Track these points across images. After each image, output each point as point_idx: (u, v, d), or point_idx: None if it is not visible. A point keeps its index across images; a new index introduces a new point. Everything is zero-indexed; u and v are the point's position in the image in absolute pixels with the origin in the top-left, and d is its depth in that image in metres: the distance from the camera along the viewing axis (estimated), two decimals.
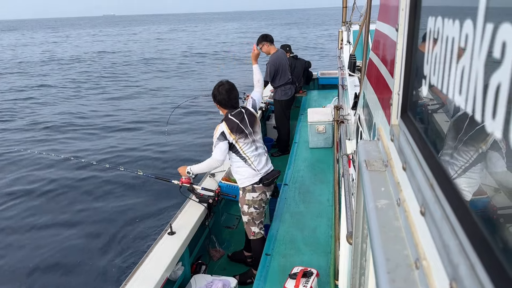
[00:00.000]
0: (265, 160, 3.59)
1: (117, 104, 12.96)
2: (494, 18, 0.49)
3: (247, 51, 24.20)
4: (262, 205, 3.61)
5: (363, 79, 2.20)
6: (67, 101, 13.62)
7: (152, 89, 15.18)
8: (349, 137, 3.17)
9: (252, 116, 3.56)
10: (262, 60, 5.37)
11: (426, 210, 0.68)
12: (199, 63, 22.08)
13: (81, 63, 23.61)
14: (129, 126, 10.41)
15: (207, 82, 16.04)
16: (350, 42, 6.22)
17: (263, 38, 6.01)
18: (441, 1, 0.78)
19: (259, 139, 3.59)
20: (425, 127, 0.86)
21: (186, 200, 3.93)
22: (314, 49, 27.40)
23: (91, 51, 30.48)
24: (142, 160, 8.11)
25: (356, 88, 3.61)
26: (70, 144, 9.20)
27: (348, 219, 1.84)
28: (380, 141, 1.18)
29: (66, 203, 6.47)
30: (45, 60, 26.33)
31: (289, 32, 45.00)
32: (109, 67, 21.43)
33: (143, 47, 31.03)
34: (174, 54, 25.71)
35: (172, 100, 12.88)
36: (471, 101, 0.56)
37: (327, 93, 8.17)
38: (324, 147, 5.55)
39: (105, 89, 15.59)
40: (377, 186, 0.96)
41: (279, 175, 3.69)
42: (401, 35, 0.98)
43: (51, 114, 11.76)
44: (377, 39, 1.71)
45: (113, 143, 9.18)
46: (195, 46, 31.40)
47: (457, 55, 0.62)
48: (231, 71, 18.66)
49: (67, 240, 5.48)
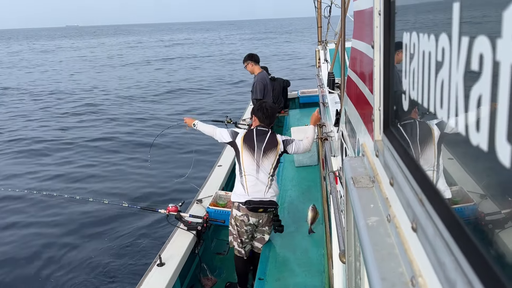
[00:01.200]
0: (263, 189, 3.55)
1: (92, 132, 12.80)
2: (469, 31, 0.50)
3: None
4: (244, 227, 3.60)
5: (343, 96, 2.22)
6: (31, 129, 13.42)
7: (127, 116, 15.06)
8: (334, 154, 3.18)
9: (271, 144, 3.60)
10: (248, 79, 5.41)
11: (417, 226, 0.67)
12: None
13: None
14: (109, 156, 10.26)
15: (189, 105, 16.04)
16: (328, 60, 6.34)
17: (249, 57, 6.10)
18: (415, 17, 0.79)
19: (265, 167, 3.57)
20: (408, 142, 0.86)
21: (174, 229, 3.85)
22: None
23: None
24: (126, 190, 7.96)
25: (337, 105, 3.65)
26: (46, 179, 8.98)
27: (340, 237, 1.82)
28: (365, 157, 1.18)
29: (48, 240, 6.26)
30: None
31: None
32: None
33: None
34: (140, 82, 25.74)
35: (154, 126, 12.80)
36: (453, 114, 0.56)
37: (308, 111, 8.25)
38: (310, 165, 5.56)
39: (79, 116, 15.39)
40: (366, 202, 0.96)
41: (273, 209, 3.61)
42: (377, 51, 0.99)
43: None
44: (353, 57, 1.74)
45: (94, 173, 9.01)
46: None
47: (435, 69, 0.63)
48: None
49: (51, 275, 5.28)
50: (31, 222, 6.88)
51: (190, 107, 15.83)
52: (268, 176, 3.56)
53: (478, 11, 0.50)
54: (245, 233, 3.65)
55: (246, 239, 3.70)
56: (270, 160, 3.58)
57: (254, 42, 53.65)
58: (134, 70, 28.82)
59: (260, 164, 3.55)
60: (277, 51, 37.19)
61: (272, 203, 3.57)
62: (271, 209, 3.59)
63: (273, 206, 3.59)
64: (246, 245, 3.75)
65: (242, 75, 21.39)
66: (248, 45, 46.51)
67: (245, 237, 3.68)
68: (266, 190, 3.54)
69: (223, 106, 15.58)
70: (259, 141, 3.58)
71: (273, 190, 3.59)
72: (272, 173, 3.59)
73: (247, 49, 38.14)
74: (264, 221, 3.65)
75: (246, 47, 43.64)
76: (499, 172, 0.45)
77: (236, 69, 25.35)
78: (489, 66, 0.45)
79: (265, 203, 3.54)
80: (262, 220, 3.63)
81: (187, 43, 59.52)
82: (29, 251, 6.01)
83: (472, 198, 0.61)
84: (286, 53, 35.35)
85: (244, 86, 18.97)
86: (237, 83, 20.79)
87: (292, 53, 35.16)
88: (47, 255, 5.83)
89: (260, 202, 3.52)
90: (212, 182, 5.08)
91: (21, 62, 38.25)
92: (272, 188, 3.57)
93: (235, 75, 23.36)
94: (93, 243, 6.07)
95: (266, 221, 3.66)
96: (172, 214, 3.74)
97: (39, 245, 6.17)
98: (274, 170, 3.61)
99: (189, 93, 18.89)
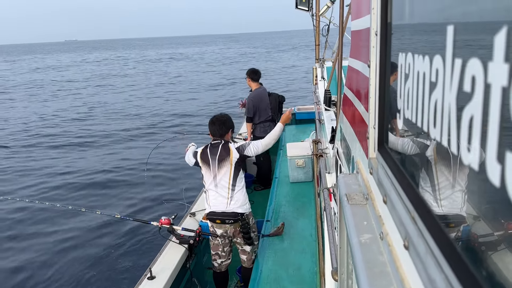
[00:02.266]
0: (225, 201, 3.57)
1: (89, 143, 12.76)
2: (462, 53, 0.51)
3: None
4: (216, 239, 3.68)
5: (339, 114, 2.24)
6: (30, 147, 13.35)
7: (121, 129, 15.05)
8: (329, 170, 3.19)
9: (223, 155, 3.59)
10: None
11: (409, 244, 0.67)
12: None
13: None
14: (105, 168, 10.20)
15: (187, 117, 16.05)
16: (324, 78, 6.39)
17: (248, 72, 6.22)
18: (411, 39, 0.81)
19: (222, 180, 3.59)
20: (402, 160, 0.87)
21: (166, 242, 3.81)
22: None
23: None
24: (119, 201, 7.90)
25: (333, 122, 3.67)
26: (42, 188, 8.91)
27: (333, 255, 1.81)
28: (360, 174, 1.19)
29: (39, 249, 6.18)
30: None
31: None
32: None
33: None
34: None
35: (151, 139, 12.77)
36: (445, 133, 0.57)
37: (304, 128, 8.29)
38: (304, 181, 5.55)
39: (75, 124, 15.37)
40: (360, 220, 0.96)
41: (232, 220, 3.59)
42: (373, 71, 1.01)
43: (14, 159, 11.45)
44: (350, 75, 1.76)
45: (87, 184, 8.95)
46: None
47: (429, 89, 0.64)
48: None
49: (37, 285, 5.19)
50: (19, 232, 6.80)
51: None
52: (228, 189, 3.57)
53: (471, 34, 0.52)
54: (219, 245, 3.69)
55: (222, 252, 3.72)
56: (226, 171, 3.59)
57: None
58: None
59: (217, 176, 3.59)
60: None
61: (233, 215, 3.57)
62: (229, 220, 3.57)
63: (232, 218, 3.57)
64: (224, 259, 3.77)
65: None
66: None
67: (220, 249, 3.71)
68: (228, 202, 3.57)
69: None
70: (212, 154, 3.63)
71: (237, 202, 3.58)
72: (232, 185, 3.58)
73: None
74: (231, 232, 3.65)
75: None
76: (490, 192, 0.46)
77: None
78: (480, 88, 0.46)
79: (225, 214, 3.56)
80: (229, 231, 3.64)
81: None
82: (14, 261, 5.91)
83: (466, 219, 0.62)
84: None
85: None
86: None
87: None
88: (34, 265, 5.74)
89: (222, 213, 3.57)
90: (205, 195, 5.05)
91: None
92: (235, 200, 3.58)
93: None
94: (83, 254, 6.00)
95: (235, 232, 3.66)
96: (164, 227, 3.71)
97: (28, 255, 6.08)
98: (234, 180, 3.60)
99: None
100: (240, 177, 3.64)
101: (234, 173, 3.59)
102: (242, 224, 3.60)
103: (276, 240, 4.05)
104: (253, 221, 3.79)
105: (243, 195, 3.64)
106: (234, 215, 3.57)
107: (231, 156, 3.60)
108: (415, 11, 0.79)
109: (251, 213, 3.74)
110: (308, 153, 5.51)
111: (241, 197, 3.61)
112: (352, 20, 1.67)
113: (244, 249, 3.73)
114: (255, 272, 3.56)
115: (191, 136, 11.12)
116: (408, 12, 0.83)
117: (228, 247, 3.76)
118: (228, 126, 3.74)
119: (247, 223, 3.60)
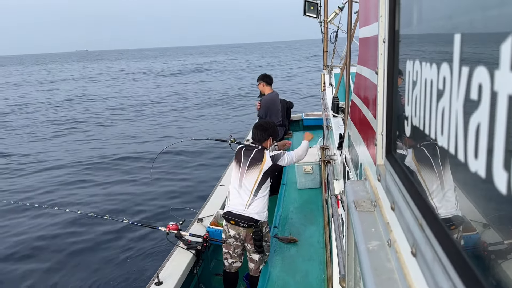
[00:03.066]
0: (244, 204, 3.58)
1: (97, 146, 12.85)
2: (469, 61, 0.52)
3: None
4: (228, 239, 3.68)
5: (347, 120, 2.24)
6: (35, 142, 13.46)
7: (132, 132, 15.14)
8: (337, 177, 3.18)
9: (256, 160, 3.64)
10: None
11: (417, 251, 0.67)
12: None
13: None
14: (113, 171, 10.27)
15: (195, 124, 16.13)
16: (332, 84, 6.40)
17: (262, 77, 6.28)
18: (418, 46, 0.82)
19: (247, 183, 3.60)
20: (410, 166, 0.87)
21: (174, 248, 3.82)
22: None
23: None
24: (127, 206, 7.94)
25: (341, 129, 3.67)
26: (49, 193, 8.98)
27: (340, 262, 1.81)
28: (367, 181, 1.19)
29: (47, 254, 6.22)
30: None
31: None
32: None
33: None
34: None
35: (158, 143, 12.84)
36: (453, 141, 0.57)
37: (312, 134, 8.27)
38: (312, 188, 5.54)
39: (86, 132, 15.50)
40: (367, 226, 0.96)
41: (246, 225, 3.56)
42: (381, 78, 1.01)
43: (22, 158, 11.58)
44: (358, 82, 1.77)
45: (96, 190, 9.00)
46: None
47: (437, 97, 0.64)
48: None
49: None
50: (31, 236, 6.85)
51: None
52: (250, 193, 3.58)
53: (478, 43, 0.52)
54: (230, 245, 3.67)
55: (233, 253, 3.70)
56: (253, 176, 3.60)
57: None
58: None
59: (244, 179, 3.62)
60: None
61: (248, 219, 3.55)
62: (243, 223, 3.56)
63: (247, 222, 3.56)
64: (235, 261, 3.74)
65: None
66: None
67: (231, 250, 3.69)
68: (246, 206, 3.57)
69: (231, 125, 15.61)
70: (246, 155, 3.68)
71: (255, 208, 3.57)
72: (255, 191, 3.59)
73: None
74: (244, 236, 3.62)
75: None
76: (497, 200, 0.46)
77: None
78: (487, 95, 0.47)
79: (241, 217, 3.56)
80: (241, 234, 3.62)
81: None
82: (23, 263, 5.96)
83: (475, 227, 0.62)
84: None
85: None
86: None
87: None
88: (42, 268, 5.77)
89: (237, 215, 3.56)
90: (213, 201, 5.06)
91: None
92: (254, 206, 3.57)
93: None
94: (91, 258, 6.02)
95: (247, 237, 3.62)
96: (172, 232, 3.72)
97: (36, 257, 6.13)
98: (259, 187, 3.60)
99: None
100: (265, 186, 3.65)
101: (261, 180, 3.62)
102: (255, 230, 3.59)
103: (283, 247, 4.03)
104: (267, 230, 3.74)
105: (263, 203, 3.63)
106: (249, 220, 3.56)
107: (263, 162, 3.64)
108: (423, 19, 0.79)
109: (266, 221, 3.72)
110: (316, 160, 5.49)
111: (260, 204, 3.61)
112: (360, 28, 1.68)
113: (252, 257, 3.70)
114: (262, 278, 3.55)
115: (197, 141, 11.17)
116: (416, 20, 0.83)
117: (240, 250, 3.72)
118: (269, 134, 3.83)
119: (260, 230, 3.59)
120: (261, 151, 3.68)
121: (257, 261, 3.68)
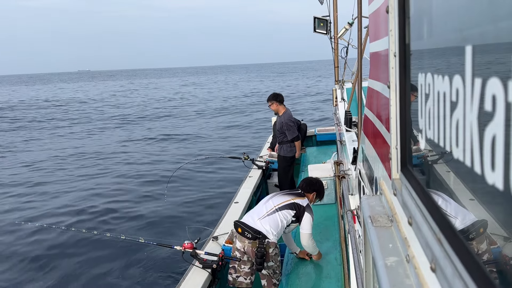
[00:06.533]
0: (258, 217, 3.63)
1: (109, 166, 12.99)
2: (482, 72, 0.51)
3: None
4: (234, 251, 3.70)
5: (360, 134, 2.23)
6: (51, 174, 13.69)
7: (148, 150, 15.29)
8: (352, 192, 3.15)
9: (294, 194, 3.83)
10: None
11: (436, 267, 0.66)
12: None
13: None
14: (127, 189, 10.33)
15: (207, 141, 16.22)
16: (345, 99, 6.39)
17: (273, 97, 6.31)
18: (429, 59, 0.82)
19: (274, 202, 3.73)
20: (426, 180, 0.86)
21: (189, 267, 3.79)
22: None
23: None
24: (142, 225, 7.95)
25: (354, 143, 3.64)
26: (65, 212, 9.07)
27: (358, 278, 1.77)
28: (383, 195, 1.17)
29: (63, 274, 6.24)
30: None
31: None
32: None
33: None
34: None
35: (173, 160, 12.92)
36: (468, 153, 0.56)
37: (325, 149, 8.24)
38: (327, 203, 5.48)
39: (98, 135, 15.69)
40: (385, 242, 0.94)
41: (250, 236, 3.54)
42: (393, 91, 1.01)
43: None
44: (370, 96, 1.76)
45: (111, 208, 9.06)
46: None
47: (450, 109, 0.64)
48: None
49: None
50: (47, 254, 6.90)
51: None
52: (270, 209, 3.65)
53: (489, 54, 0.52)
54: (241, 260, 3.64)
55: (238, 266, 3.65)
56: (283, 198, 3.73)
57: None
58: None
59: (272, 198, 3.77)
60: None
61: (253, 231, 3.53)
62: (248, 233, 3.52)
63: (251, 233, 3.52)
64: (239, 275, 3.65)
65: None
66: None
67: (237, 264, 3.65)
68: (259, 219, 3.61)
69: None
70: (284, 192, 3.92)
71: (267, 224, 3.57)
72: (277, 208, 3.65)
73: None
74: (248, 250, 3.56)
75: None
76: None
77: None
78: (502, 107, 0.46)
79: (248, 227, 3.56)
80: (246, 248, 3.57)
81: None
82: (36, 282, 5.99)
83: (496, 240, 0.61)
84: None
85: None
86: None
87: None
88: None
89: (245, 225, 3.58)
90: (228, 219, 5.04)
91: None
92: (266, 221, 3.58)
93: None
94: (107, 278, 6.03)
95: (251, 252, 3.55)
96: (187, 251, 3.71)
97: (48, 277, 6.15)
98: (282, 208, 3.66)
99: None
100: (289, 214, 3.69)
101: (288, 204, 3.70)
102: (258, 246, 3.51)
103: (300, 264, 3.98)
104: (274, 252, 3.63)
105: (277, 225, 3.61)
106: (255, 231, 3.53)
107: (299, 197, 3.78)
108: (433, 32, 0.79)
109: (275, 244, 3.61)
110: (330, 175, 5.45)
111: (274, 223, 3.60)
112: (371, 42, 1.68)
113: (262, 273, 3.66)
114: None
115: (211, 159, 11.20)
116: (426, 33, 0.83)
117: (247, 268, 3.63)
118: (313, 189, 3.97)
119: (263, 247, 3.51)
120: (302, 194, 3.85)
121: (267, 278, 3.64)
